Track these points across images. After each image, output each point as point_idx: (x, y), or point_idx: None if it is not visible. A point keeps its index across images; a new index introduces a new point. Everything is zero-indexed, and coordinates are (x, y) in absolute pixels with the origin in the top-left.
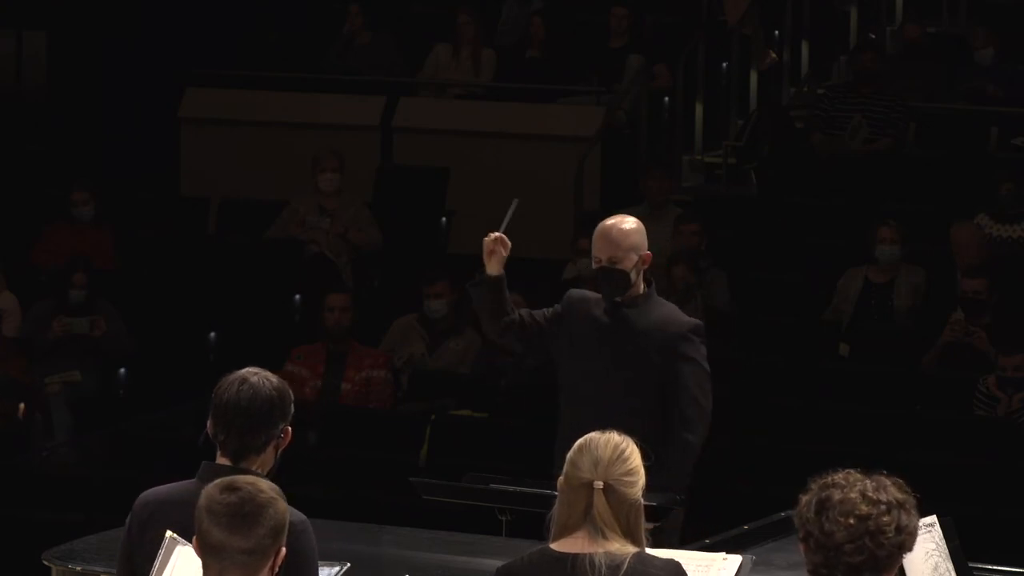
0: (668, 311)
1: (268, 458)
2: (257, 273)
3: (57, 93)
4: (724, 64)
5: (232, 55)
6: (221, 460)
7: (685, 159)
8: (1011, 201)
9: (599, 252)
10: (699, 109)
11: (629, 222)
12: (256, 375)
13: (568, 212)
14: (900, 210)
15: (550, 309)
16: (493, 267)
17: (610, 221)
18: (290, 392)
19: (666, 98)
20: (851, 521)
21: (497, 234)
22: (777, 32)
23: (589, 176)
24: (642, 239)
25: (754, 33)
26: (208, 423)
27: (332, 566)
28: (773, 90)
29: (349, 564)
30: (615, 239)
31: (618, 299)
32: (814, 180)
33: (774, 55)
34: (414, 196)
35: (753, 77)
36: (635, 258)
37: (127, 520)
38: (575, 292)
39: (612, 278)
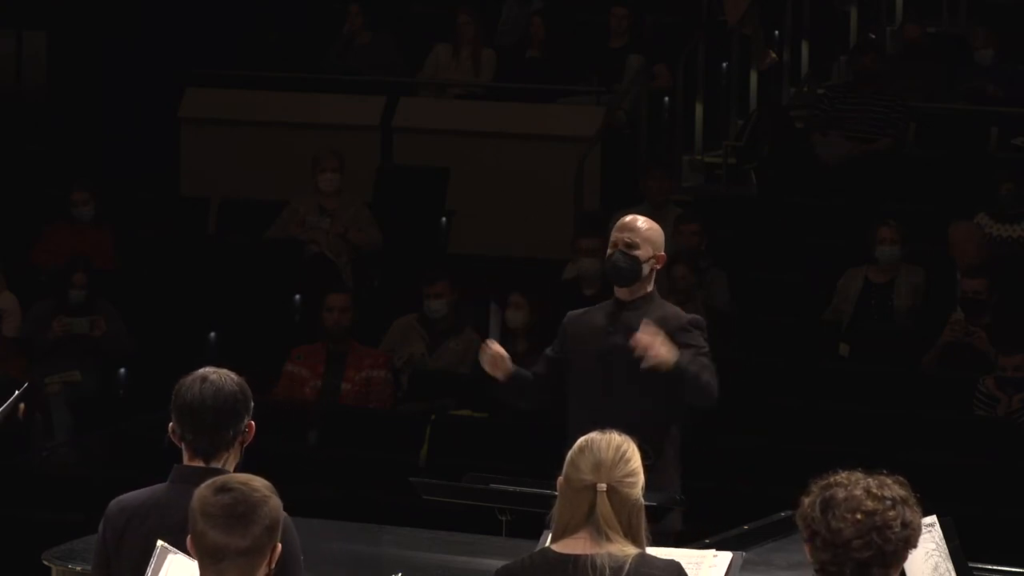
0: (668, 311)
1: (235, 454)
2: (257, 273)
3: (57, 93)
4: (724, 64)
5: (232, 55)
6: (192, 461)
7: (685, 159)
8: (1011, 201)
9: (617, 237)
10: (699, 109)
11: (651, 221)
12: (215, 372)
13: (568, 212)
14: (900, 210)
15: (555, 342)
16: (499, 373)
17: (631, 215)
18: (248, 388)
19: (666, 98)
20: (858, 517)
21: (493, 351)
22: (777, 32)
23: (589, 176)
24: (661, 238)
25: (754, 33)
26: (170, 425)
27: None
28: (773, 90)
29: None
30: (636, 227)
31: (620, 296)
32: (814, 180)
33: (774, 55)
34: (414, 196)
35: (753, 77)
36: (651, 251)
37: (100, 526)
38: (572, 312)
39: (625, 262)
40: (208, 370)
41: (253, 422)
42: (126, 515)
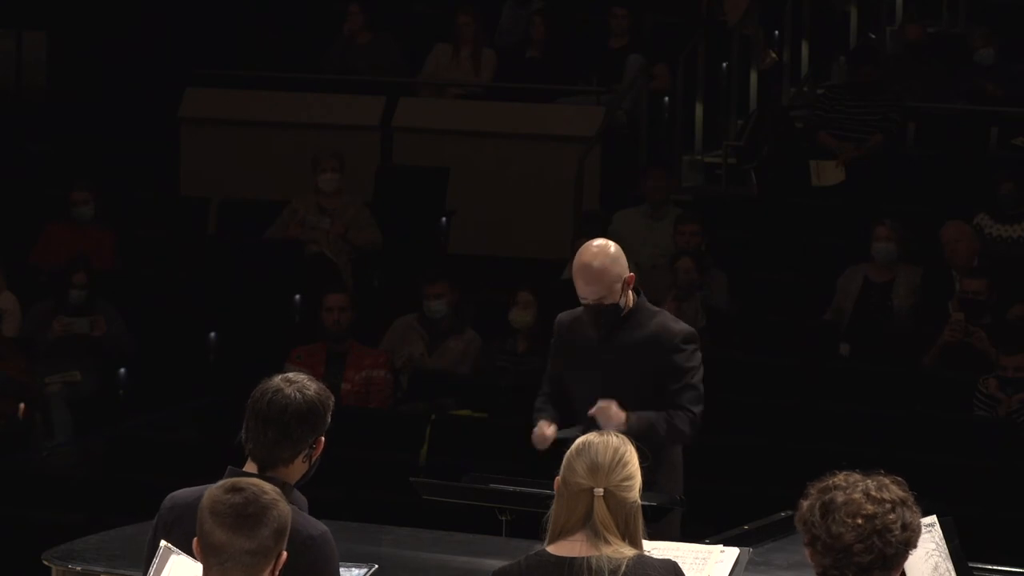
0: (659, 322)
1: (296, 469)
2: (257, 273)
3: (57, 93)
4: (724, 64)
5: (232, 55)
6: (249, 467)
7: (685, 159)
8: (1011, 201)
9: (584, 293)
10: (699, 109)
11: (607, 254)
12: (291, 384)
13: (568, 212)
14: (900, 210)
15: (551, 353)
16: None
17: (587, 257)
18: (328, 400)
19: (666, 98)
20: (859, 521)
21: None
22: (777, 32)
23: (589, 176)
24: (622, 266)
25: (754, 33)
26: (243, 425)
27: (360, 567)
28: (773, 90)
29: (377, 566)
30: (597, 278)
31: None
32: None
33: (774, 55)
34: (414, 196)
35: (753, 77)
36: (619, 287)
37: (154, 522)
38: (564, 316)
39: (603, 313)
40: (287, 379)
41: (323, 438)
42: (176, 512)
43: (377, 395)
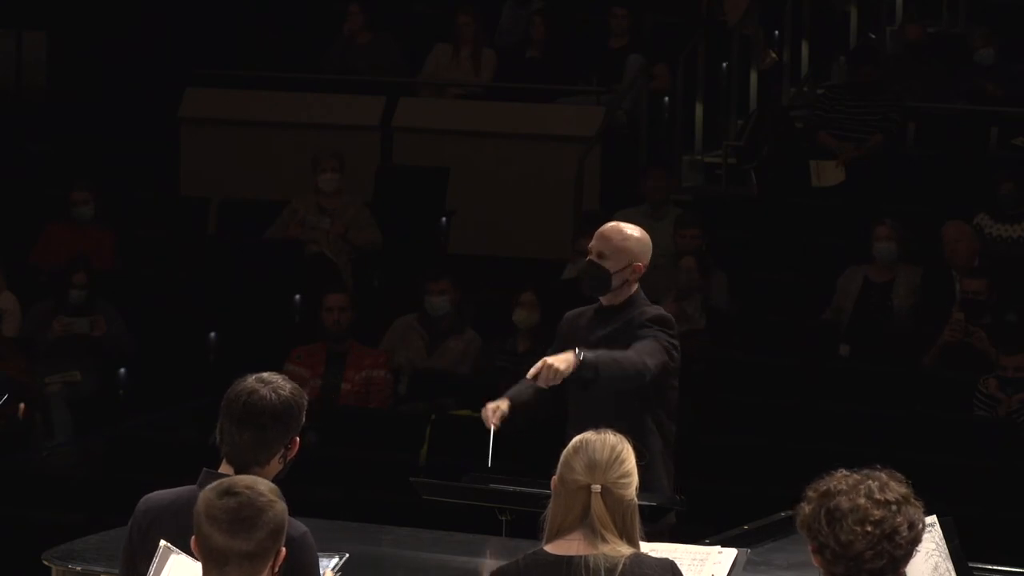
0: (643, 311)
1: (272, 469)
2: (257, 273)
3: (57, 93)
4: (724, 64)
5: (232, 55)
6: (224, 468)
7: (685, 159)
8: (1011, 201)
9: (593, 245)
10: (699, 109)
11: (634, 229)
12: (266, 386)
13: (568, 212)
14: (900, 210)
15: (553, 345)
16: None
17: (615, 222)
18: (302, 400)
19: (666, 98)
20: (868, 528)
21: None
22: (777, 32)
23: (589, 176)
24: (639, 248)
25: (754, 33)
26: (219, 425)
27: (331, 557)
28: (773, 90)
29: (348, 555)
30: (609, 237)
31: (603, 302)
32: None
33: (774, 55)
34: (414, 196)
35: (753, 77)
36: (624, 262)
37: (129, 524)
38: (572, 312)
39: (594, 273)
40: (261, 380)
41: (298, 438)
42: (151, 516)
43: (377, 395)
